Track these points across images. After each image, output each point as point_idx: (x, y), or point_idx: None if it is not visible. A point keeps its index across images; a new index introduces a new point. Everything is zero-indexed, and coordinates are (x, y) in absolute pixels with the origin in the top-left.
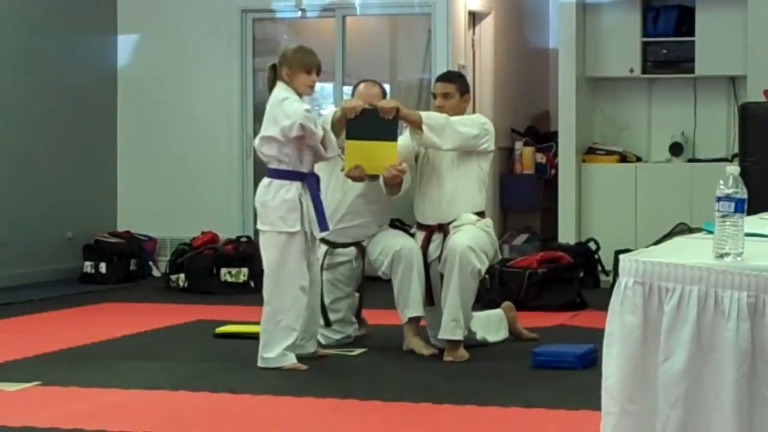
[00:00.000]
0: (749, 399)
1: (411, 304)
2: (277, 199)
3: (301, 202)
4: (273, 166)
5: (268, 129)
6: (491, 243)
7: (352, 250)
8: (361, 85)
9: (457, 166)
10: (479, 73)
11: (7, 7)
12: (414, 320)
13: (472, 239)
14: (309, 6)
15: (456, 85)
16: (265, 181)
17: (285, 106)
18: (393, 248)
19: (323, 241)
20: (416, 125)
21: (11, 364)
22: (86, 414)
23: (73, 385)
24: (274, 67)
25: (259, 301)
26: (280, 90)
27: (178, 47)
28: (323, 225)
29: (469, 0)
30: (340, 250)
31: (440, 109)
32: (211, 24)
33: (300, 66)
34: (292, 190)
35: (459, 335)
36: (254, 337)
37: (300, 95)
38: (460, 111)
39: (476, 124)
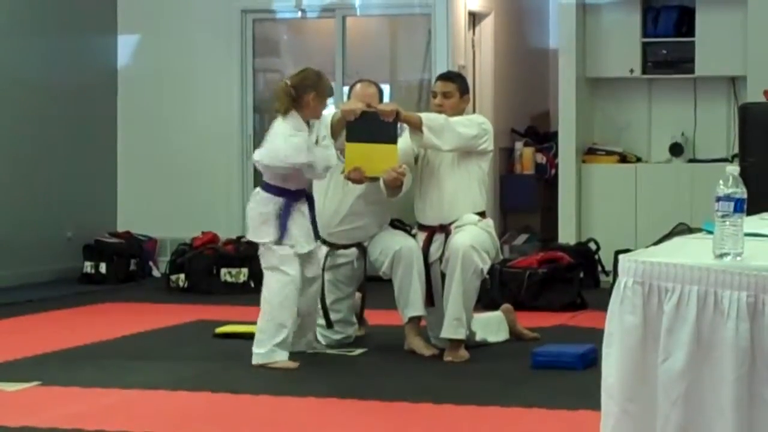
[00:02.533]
0: (749, 398)
1: (411, 304)
2: (255, 211)
3: (280, 216)
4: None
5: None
6: (493, 243)
7: (354, 251)
8: (358, 85)
9: (457, 167)
10: (479, 73)
11: (7, 7)
12: (415, 320)
13: (475, 239)
14: (309, 6)
15: (456, 85)
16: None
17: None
18: (393, 248)
19: (324, 242)
20: (416, 127)
21: (11, 364)
22: (86, 414)
23: (73, 385)
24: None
25: (260, 302)
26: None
27: (178, 47)
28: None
29: (469, 0)
30: (341, 251)
31: (440, 107)
32: (211, 24)
33: (326, 94)
34: (270, 205)
35: (461, 334)
36: (254, 337)
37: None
38: (459, 111)
39: (475, 125)
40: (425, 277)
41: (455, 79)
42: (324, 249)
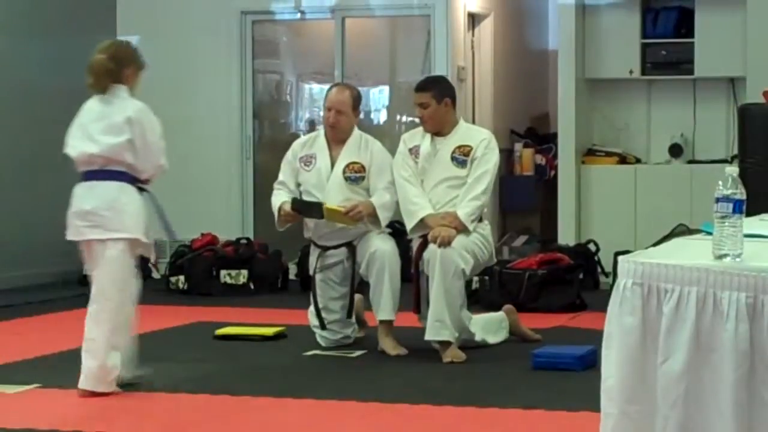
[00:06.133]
0: (748, 399)
1: (383, 307)
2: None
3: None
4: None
5: None
6: (482, 244)
7: (343, 250)
8: (333, 90)
9: (450, 186)
10: (479, 74)
11: (6, 8)
12: (386, 323)
13: (456, 240)
14: (308, 8)
15: (431, 93)
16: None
17: None
18: (368, 251)
19: (315, 245)
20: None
21: (11, 366)
22: (86, 416)
23: (72, 388)
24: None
25: (259, 303)
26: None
27: (177, 49)
28: None
29: (468, 1)
30: (331, 251)
31: (421, 119)
32: (211, 26)
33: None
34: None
35: (445, 336)
36: (254, 338)
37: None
38: (441, 115)
39: (493, 168)
40: (417, 283)
41: (429, 87)
42: (315, 251)
